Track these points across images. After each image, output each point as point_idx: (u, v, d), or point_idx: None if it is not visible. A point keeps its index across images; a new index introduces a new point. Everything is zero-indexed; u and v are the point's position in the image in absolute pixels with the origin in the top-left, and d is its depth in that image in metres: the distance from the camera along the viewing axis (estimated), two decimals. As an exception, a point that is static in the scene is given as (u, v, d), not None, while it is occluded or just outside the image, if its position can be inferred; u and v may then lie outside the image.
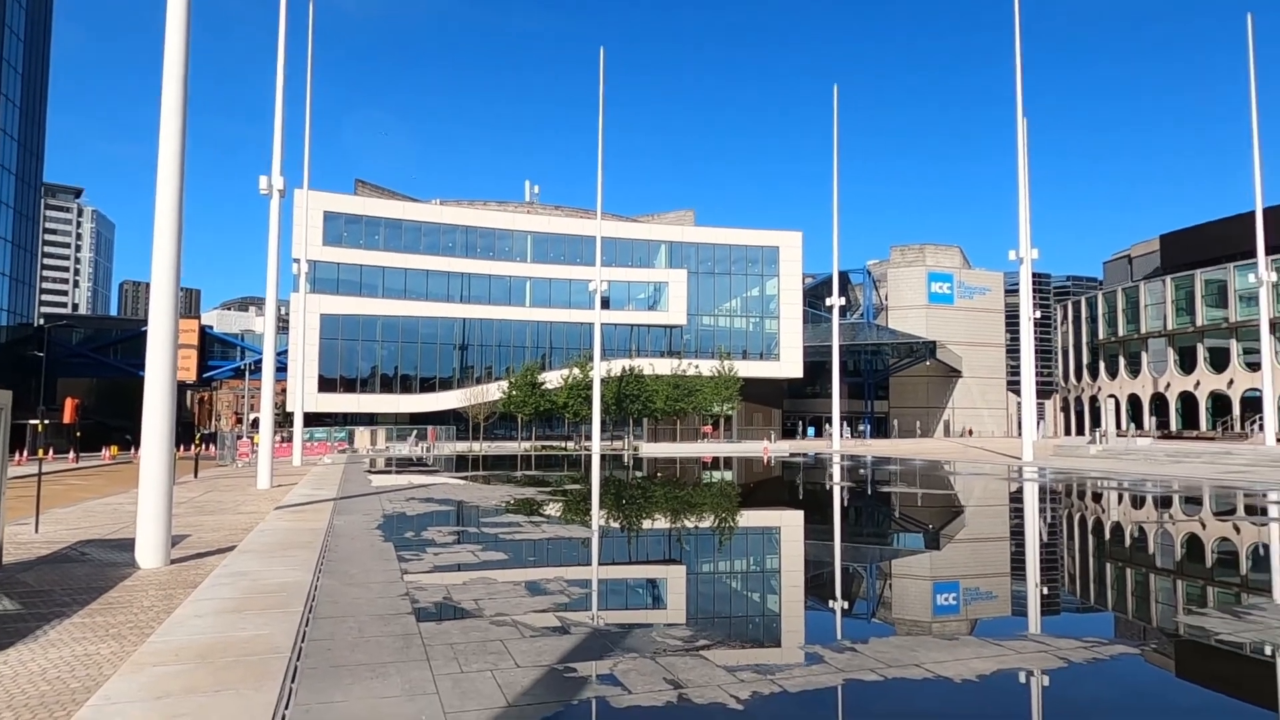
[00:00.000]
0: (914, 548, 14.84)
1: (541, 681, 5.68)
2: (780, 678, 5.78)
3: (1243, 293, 52.70)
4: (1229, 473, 28.86)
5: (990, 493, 24.48)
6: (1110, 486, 24.58)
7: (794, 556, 13.38)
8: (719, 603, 9.51)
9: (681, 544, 14.01)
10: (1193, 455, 36.11)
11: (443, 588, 8.94)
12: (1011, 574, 11.73)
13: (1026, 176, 40.40)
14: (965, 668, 6.05)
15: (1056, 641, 6.78)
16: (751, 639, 7.62)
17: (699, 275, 65.74)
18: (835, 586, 10.46)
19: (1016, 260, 40.31)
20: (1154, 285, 61.54)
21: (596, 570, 11.22)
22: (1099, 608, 9.51)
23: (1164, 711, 5.77)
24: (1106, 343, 66.41)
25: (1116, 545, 14.11)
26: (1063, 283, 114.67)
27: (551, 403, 54.32)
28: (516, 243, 63.04)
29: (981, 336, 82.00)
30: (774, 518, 19.23)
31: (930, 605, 9.62)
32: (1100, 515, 18.55)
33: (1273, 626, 7.52)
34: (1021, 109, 39.84)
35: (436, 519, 15.78)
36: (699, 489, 26.68)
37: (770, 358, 66.93)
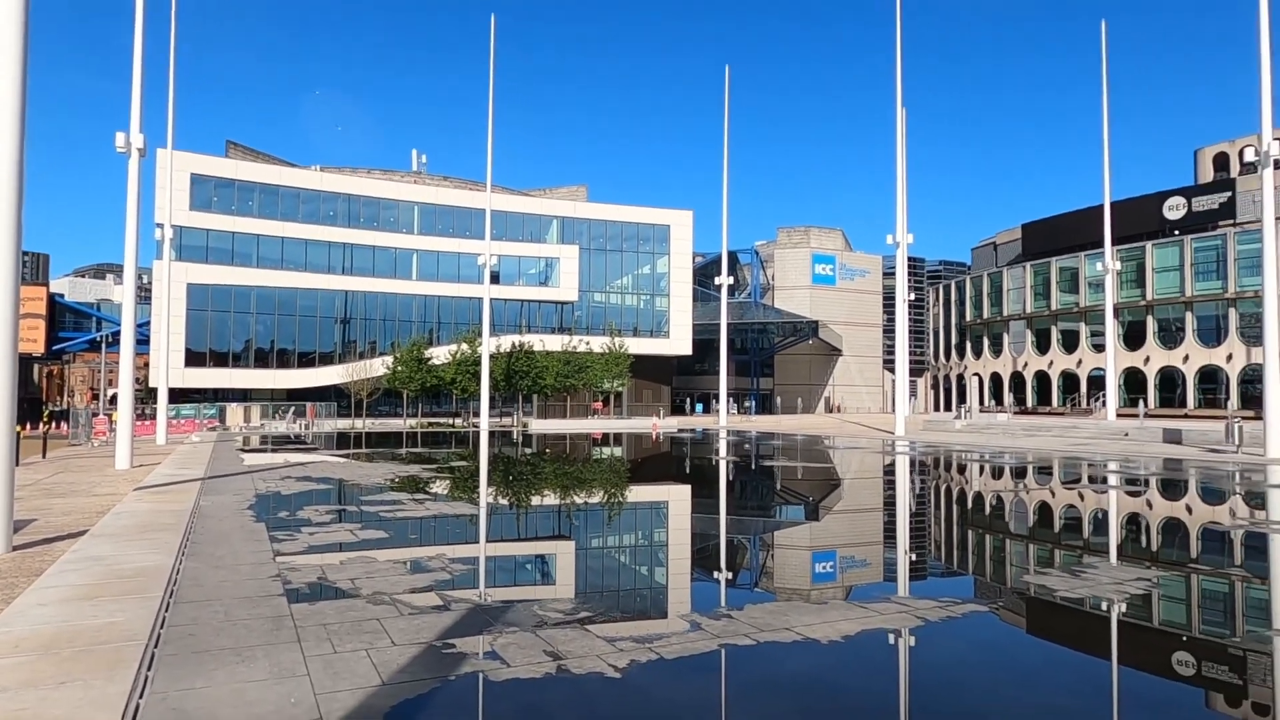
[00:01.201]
0: (794, 519, 15.44)
1: (419, 659, 5.60)
2: (658, 645, 5.92)
3: (1092, 280, 57.05)
4: (1075, 445, 31.40)
5: (865, 465, 25.73)
6: (972, 459, 26.27)
7: (680, 530, 13.67)
8: (606, 577, 9.62)
9: (570, 520, 14.06)
10: (1045, 429, 39.03)
11: (318, 568, 8.66)
12: (881, 542, 12.40)
13: (904, 165, 42.26)
14: (832, 629, 6.37)
15: (917, 603, 7.23)
16: (634, 610, 7.76)
17: (591, 252, 65.59)
18: (718, 558, 10.77)
19: (893, 245, 42.19)
20: (1015, 271, 65.76)
21: (484, 548, 11.12)
22: (958, 571, 10.19)
23: (1004, 660, 6.26)
24: (973, 324, 70.61)
25: (977, 513, 15.13)
26: (936, 267, 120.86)
27: (439, 379, 53.14)
28: (403, 214, 61.02)
29: (861, 317, 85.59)
30: (662, 492, 19.56)
31: (806, 573, 10.06)
32: (964, 486, 19.82)
33: (1103, 583, 8.28)
34: (901, 100, 41.54)
35: (314, 498, 15.22)
36: (588, 465, 26.81)
37: (660, 335, 67.70)
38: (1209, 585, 9.05)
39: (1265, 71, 26.41)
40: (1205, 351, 52.05)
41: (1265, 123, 26.60)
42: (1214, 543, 11.79)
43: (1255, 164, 27.33)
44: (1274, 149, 26.19)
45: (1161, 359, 54.33)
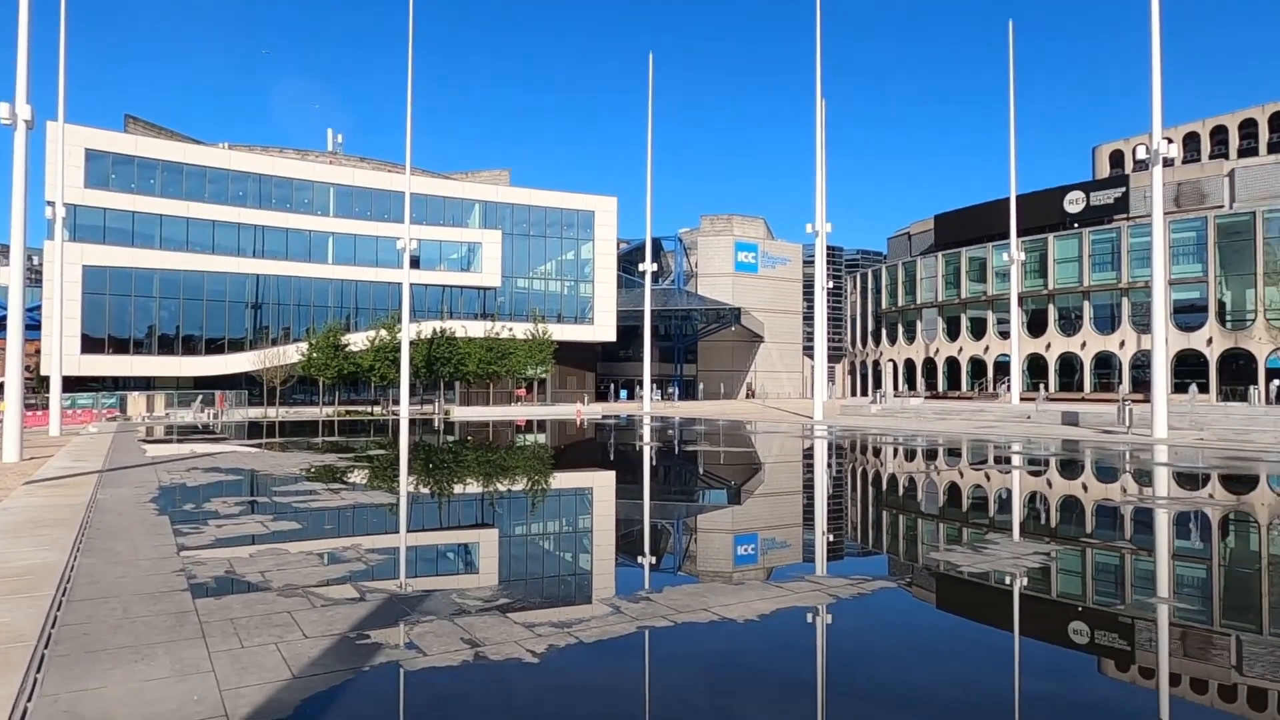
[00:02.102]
0: (717, 503, 15.68)
1: (332, 651, 5.48)
2: (577, 630, 5.95)
3: (998, 269, 59.50)
4: (982, 428, 32.82)
5: (785, 450, 26.32)
6: (886, 442, 27.17)
7: (604, 516, 13.72)
8: (528, 564, 9.58)
9: (494, 508, 13.94)
10: (954, 413, 40.65)
11: (225, 562, 8.35)
12: (800, 523, 12.72)
13: (823, 155, 43.17)
14: (748, 609, 6.52)
15: (830, 581, 7.46)
16: (555, 597, 7.76)
17: (514, 237, 64.85)
18: (641, 542, 10.86)
19: (813, 233, 43.11)
20: (928, 261, 68.05)
21: (403, 538, 10.93)
22: (871, 550, 10.55)
23: (909, 633, 6.54)
24: (888, 312, 72.82)
25: (890, 494, 15.68)
26: (854, 256, 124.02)
27: (356, 365, 51.75)
28: (318, 195, 59.02)
29: (782, 304, 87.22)
30: (586, 479, 19.58)
31: (726, 555, 10.24)
32: (878, 468, 20.49)
33: (1003, 558, 8.71)
34: (820, 92, 42.37)
35: (223, 489, 14.67)
36: (512, 452, 26.61)
37: (584, 321, 67.56)
38: (1101, 558, 9.62)
39: (1156, 75, 27.95)
40: (1101, 338, 55.03)
41: (1156, 123, 28.19)
42: (1106, 518, 12.52)
43: (1146, 162, 28.93)
44: (1163, 148, 27.77)
45: (1061, 345, 57.19)
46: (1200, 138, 73.40)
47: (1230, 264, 50.26)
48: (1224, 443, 25.44)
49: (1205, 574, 9.08)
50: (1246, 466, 19.32)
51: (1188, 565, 9.43)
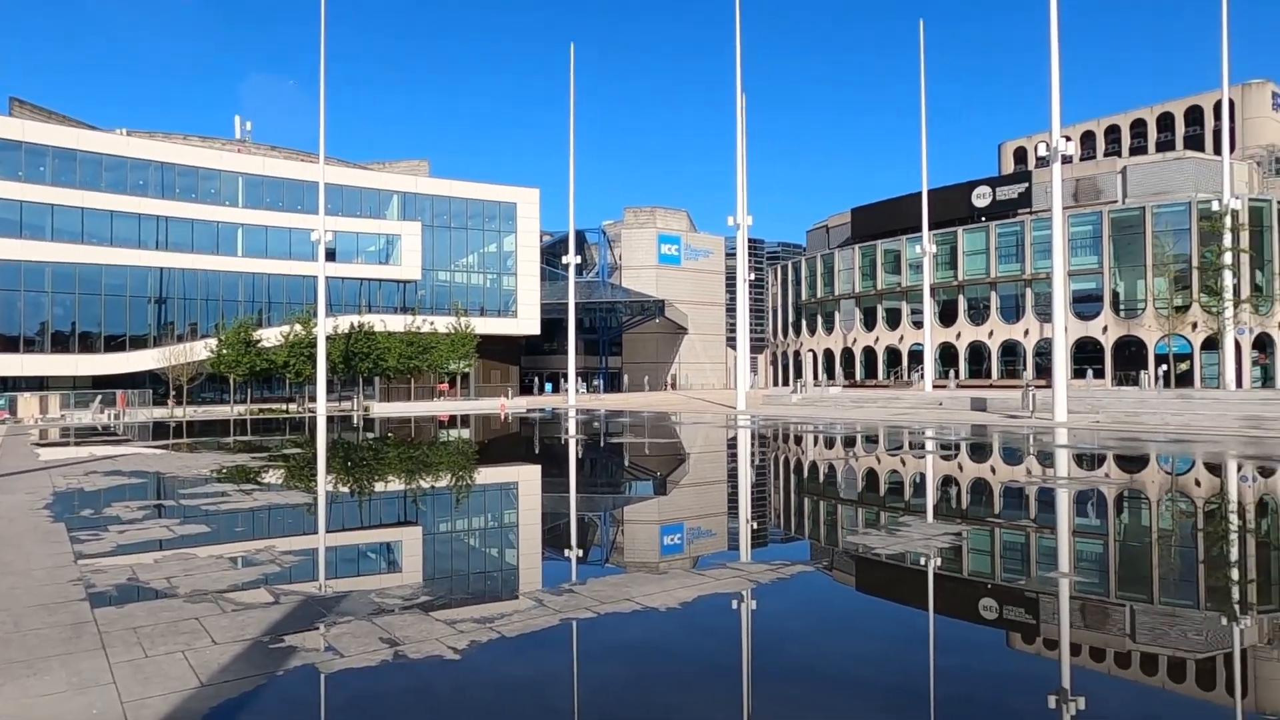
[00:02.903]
0: (642, 494, 15.77)
1: (243, 656, 5.30)
2: (499, 625, 5.91)
3: (912, 261, 61.50)
4: (897, 415, 33.94)
5: (709, 440, 26.66)
6: (807, 430, 27.82)
7: (530, 510, 13.63)
8: (453, 561, 9.45)
9: (417, 505, 13.69)
10: (871, 401, 41.90)
11: (128, 569, 7.97)
12: (722, 512, 12.92)
13: (744, 148, 43.76)
14: (671, 597, 6.60)
15: (751, 567, 7.62)
16: (478, 592, 7.68)
17: (434, 229, 63.58)
18: (567, 535, 10.84)
19: (734, 226, 43.69)
20: (846, 253, 69.81)
21: (322, 538, 10.64)
22: (791, 535, 10.80)
23: (825, 613, 6.74)
24: (808, 303, 74.43)
25: (810, 481, 16.07)
26: (775, 248, 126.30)
27: (270, 362, 49.91)
28: (225, 184, 56.58)
29: (705, 296, 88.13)
30: (511, 473, 19.42)
31: (650, 545, 10.33)
32: (800, 456, 20.97)
33: (915, 539, 9.05)
34: (740, 86, 42.89)
35: (125, 493, 13.97)
36: (435, 448, 26.17)
37: (508, 315, 66.83)
38: (1007, 537, 10.09)
39: (1055, 79, 29.33)
40: (1007, 327, 57.52)
41: (1055, 122, 29.58)
42: (1011, 499, 13.13)
43: (1047, 159, 30.33)
44: (1062, 146, 29.17)
45: (971, 334, 59.55)
46: (1096, 136, 77.37)
47: (1123, 256, 53.21)
48: (1117, 424, 26.98)
49: (1102, 549, 9.62)
50: (1137, 446, 20.54)
51: (1086, 541, 9.98)
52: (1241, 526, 10.68)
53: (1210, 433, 23.79)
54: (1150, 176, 55.67)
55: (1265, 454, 18.61)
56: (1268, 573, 8.36)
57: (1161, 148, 69.27)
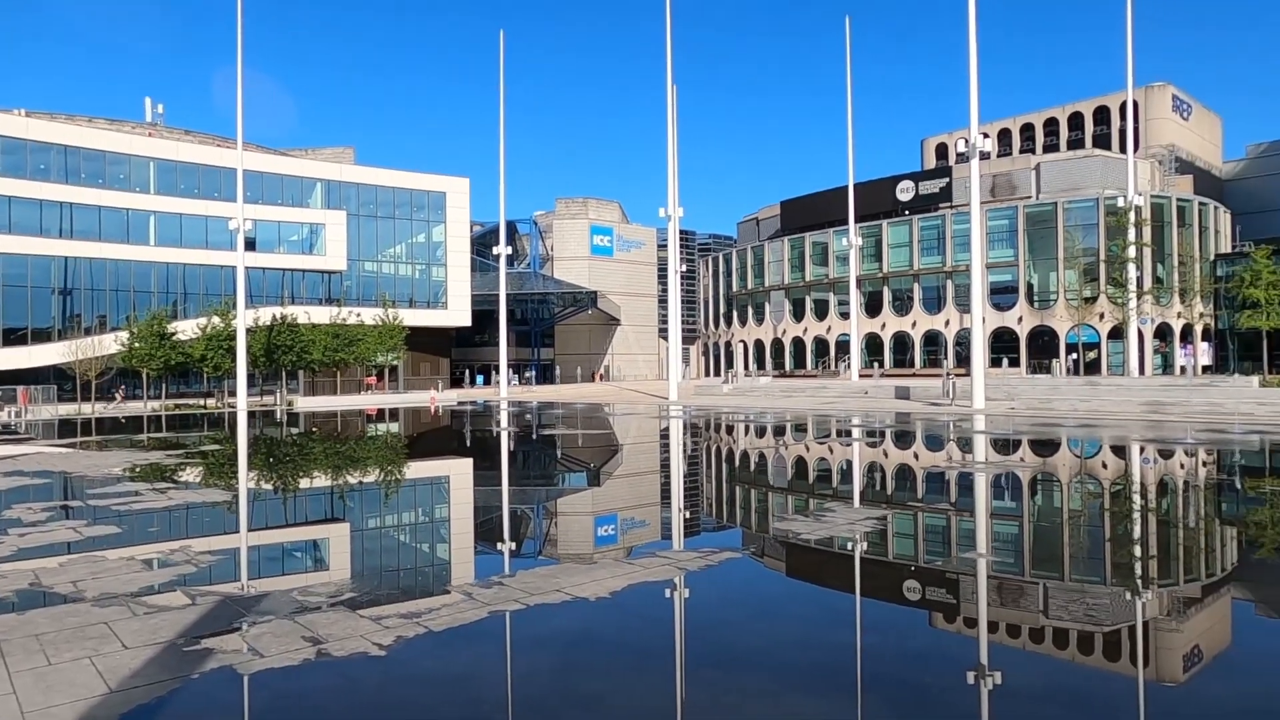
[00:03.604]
0: (574, 485, 15.75)
1: (156, 660, 5.10)
2: (426, 619, 5.84)
3: (839, 254, 62.86)
4: (824, 403, 34.71)
5: (641, 430, 26.78)
6: (738, 420, 28.20)
7: (461, 504, 13.47)
8: (383, 557, 9.26)
9: (344, 501, 13.37)
10: (800, 390, 42.74)
11: (30, 573, 7.57)
12: (653, 502, 13.00)
13: (675, 140, 43.93)
14: (601, 587, 6.62)
15: (680, 555, 7.70)
16: (406, 588, 7.56)
17: (360, 218, 61.98)
18: (499, 529, 10.75)
19: (666, 218, 43.87)
20: (775, 245, 70.89)
21: (244, 537, 10.29)
22: (721, 523, 10.94)
23: (750, 598, 6.86)
24: (739, 294, 75.37)
25: (741, 469, 16.31)
26: (706, 240, 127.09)
27: (186, 355, 47.94)
28: (135, 169, 53.98)
29: (638, 287, 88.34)
30: (442, 467, 19.14)
31: (582, 536, 10.33)
32: (731, 445, 21.25)
33: (839, 524, 9.29)
34: (671, 78, 43.02)
35: (28, 494, 13.25)
36: (362, 442, 25.60)
37: (437, 306, 65.73)
38: (927, 520, 10.44)
39: (973, 78, 30.31)
40: (929, 318, 59.38)
41: (973, 120, 30.59)
42: (931, 483, 13.58)
43: (966, 155, 31.36)
44: (980, 143, 30.20)
45: (895, 325, 61.26)
46: (1012, 134, 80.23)
47: (1037, 249, 55.48)
48: (1031, 411, 28.17)
49: (1017, 530, 10.04)
50: (1049, 431, 21.49)
51: (1003, 523, 10.40)
52: (1144, 506, 11.29)
53: (1116, 417, 25.05)
54: (1062, 173, 58.11)
55: (1164, 436, 19.71)
56: (1167, 549, 8.86)
57: (1072, 146, 72.32)
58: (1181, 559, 8.38)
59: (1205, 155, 73.42)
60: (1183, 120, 71.59)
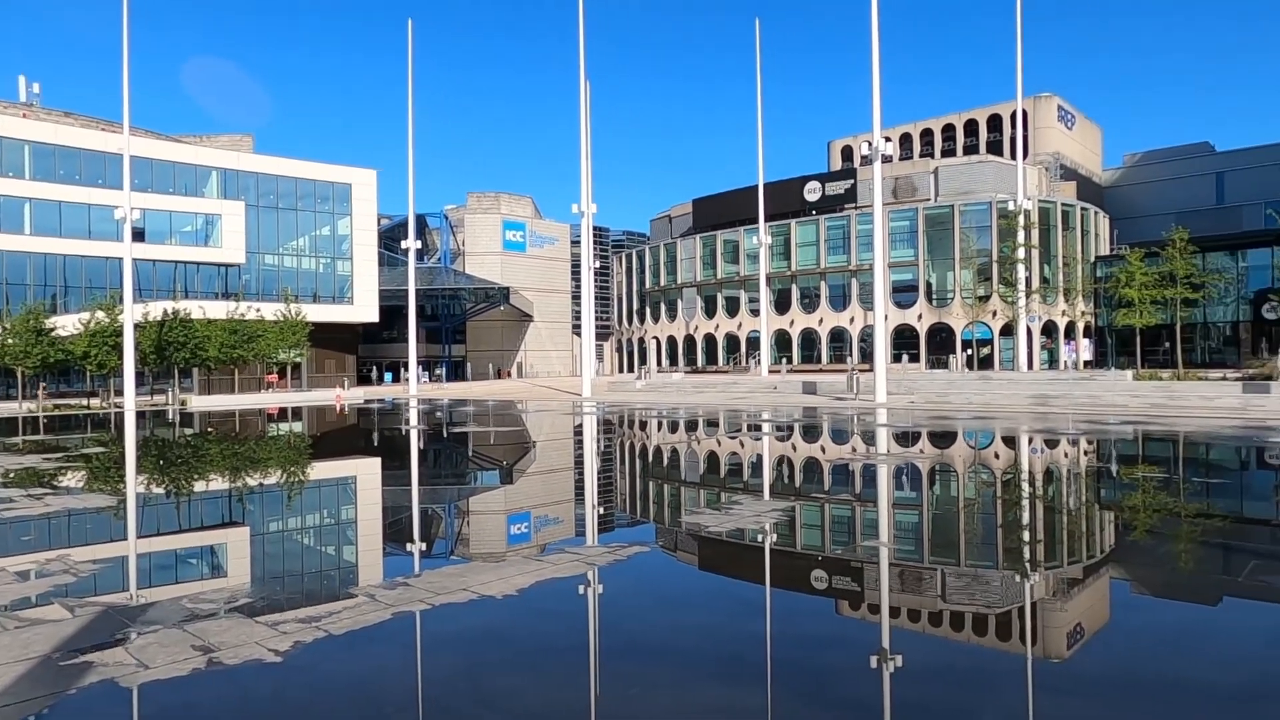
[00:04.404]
0: (486, 484, 15.53)
1: (29, 676, 4.76)
2: (326, 623, 5.65)
3: (750, 252, 64.03)
4: (735, 399, 35.32)
5: (554, 427, 26.64)
6: (651, 416, 28.39)
7: (368, 504, 13.08)
8: (285, 561, 8.89)
9: (243, 504, 12.79)
10: (711, 386, 43.35)
11: (-117, 588, 6.95)
12: (566, 499, 12.95)
13: (588, 136, 43.83)
14: (508, 584, 6.55)
15: (589, 551, 7.69)
16: (307, 592, 7.30)
17: (260, 209, 59.45)
18: (406, 529, 10.50)
19: (579, 214, 43.75)
20: (688, 243, 71.67)
21: (133, 544, 9.71)
22: (631, 518, 10.99)
23: (656, 590, 6.93)
24: (652, 291, 75.88)
25: (653, 464, 16.41)
26: (620, 237, 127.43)
27: (67, 353, 44.96)
28: (9, 153, 50.27)
29: (551, 283, 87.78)
30: (348, 467, 18.56)
31: (492, 535, 10.19)
32: (644, 441, 21.36)
33: (746, 516, 9.48)
34: (584, 73, 42.91)
35: (-119, 504, 12.15)
36: (263, 443, 24.57)
37: (343, 301, 63.72)
38: (832, 510, 10.75)
39: (876, 84, 31.35)
40: (835, 315, 61.21)
41: (875, 125, 31.65)
42: (835, 474, 14.00)
43: (870, 157, 32.42)
44: (882, 146, 31.28)
45: (804, 322, 62.89)
46: (913, 138, 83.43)
47: (935, 250, 57.89)
48: (930, 404, 29.40)
49: (917, 518, 10.46)
50: (946, 424, 22.48)
51: (903, 512, 10.80)
52: (1031, 493, 11.94)
53: (1006, 410, 26.40)
54: (958, 177, 60.79)
55: (1049, 427, 20.90)
56: (1052, 533, 9.39)
57: (968, 151, 75.74)
58: (1065, 543, 8.89)
59: (1087, 163, 78.17)
60: (1067, 130, 75.99)
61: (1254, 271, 49.88)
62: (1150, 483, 12.46)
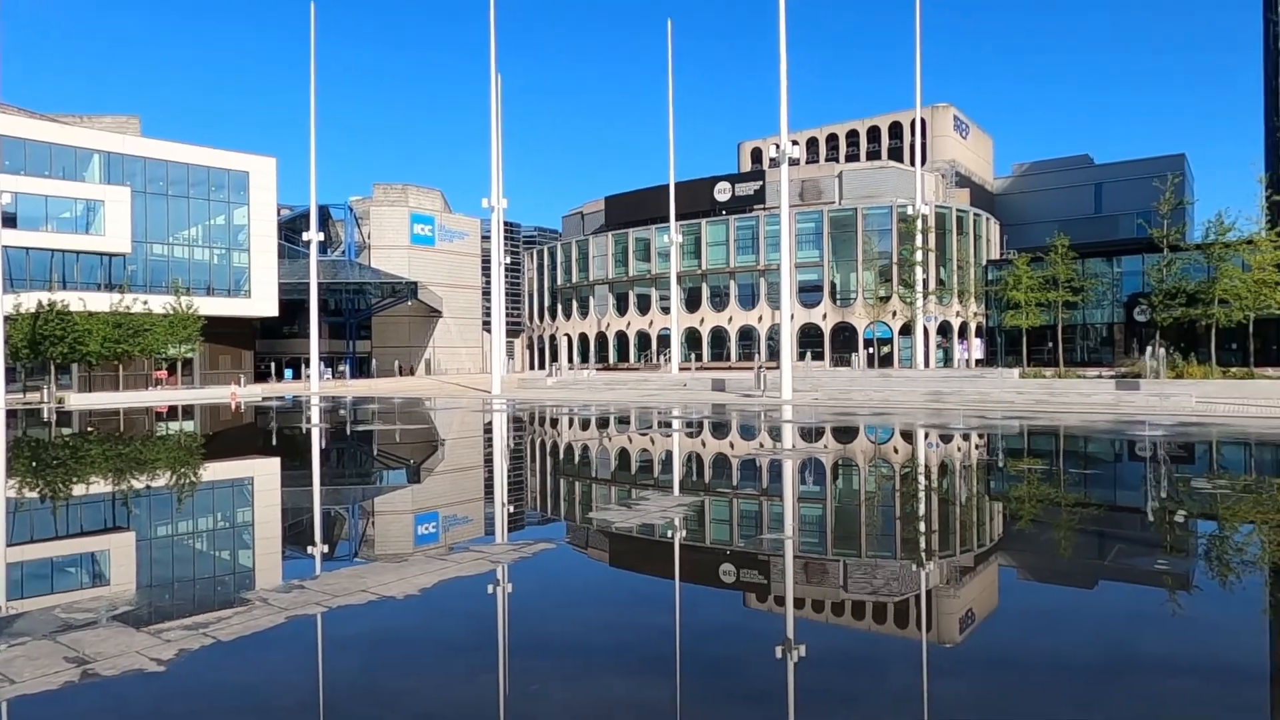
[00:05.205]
0: (391, 483, 15.11)
1: None
2: (215, 630, 5.37)
3: (661, 250, 64.57)
4: (646, 396, 35.54)
5: (461, 425, 26.20)
6: (562, 413, 28.26)
7: (265, 506, 12.52)
8: (174, 567, 8.40)
9: (128, 507, 12.04)
10: (623, 383, 43.49)
11: None
12: (473, 497, 12.74)
13: (499, 130, 43.26)
14: (410, 584, 6.39)
15: (494, 549, 7.59)
16: (195, 598, 6.94)
17: (148, 196, 56.15)
18: (304, 531, 10.11)
19: (490, 208, 43.13)
20: (600, 240, 71.69)
21: (1, 552, 9.00)
22: (540, 515, 10.90)
23: (558, 587, 6.90)
24: (564, 288, 75.58)
25: (565, 462, 16.33)
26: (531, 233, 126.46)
27: (-74, 347, 41.42)
28: None
29: (461, 279, 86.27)
30: (244, 467, 17.73)
31: (395, 535, 9.93)
32: (556, 438, 21.24)
33: (652, 512, 9.54)
34: (495, 66, 42.30)
35: None
36: (150, 443, 23.23)
37: (240, 294, 60.90)
38: (740, 505, 10.93)
39: (783, 88, 32.09)
40: (744, 314, 62.38)
41: (783, 129, 32.38)
42: (744, 469, 14.26)
43: (778, 160, 33.14)
44: (790, 150, 32.01)
45: (713, 320, 63.83)
46: (819, 143, 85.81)
47: (840, 251, 59.74)
48: (833, 400, 30.32)
49: (820, 512, 10.75)
50: (847, 420, 23.22)
51: (808, 505, 11.09)
52: (927, 486, 12.46)
53: (904, 406, 27.48)
54: (861, 182, 62.90)
55: (943, 423, 21.88)
56: (947, 524, 9.82)
57: (871, 157, 78.44)
58: (958, 532, 9.31)
59: (980, 171, 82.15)
60: (962, 139, 79.65)
61: (1127, 277, 53.52)
62: (1034, 474, 13.19)
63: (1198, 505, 10.31)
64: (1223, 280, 36.77)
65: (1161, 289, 38.63)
